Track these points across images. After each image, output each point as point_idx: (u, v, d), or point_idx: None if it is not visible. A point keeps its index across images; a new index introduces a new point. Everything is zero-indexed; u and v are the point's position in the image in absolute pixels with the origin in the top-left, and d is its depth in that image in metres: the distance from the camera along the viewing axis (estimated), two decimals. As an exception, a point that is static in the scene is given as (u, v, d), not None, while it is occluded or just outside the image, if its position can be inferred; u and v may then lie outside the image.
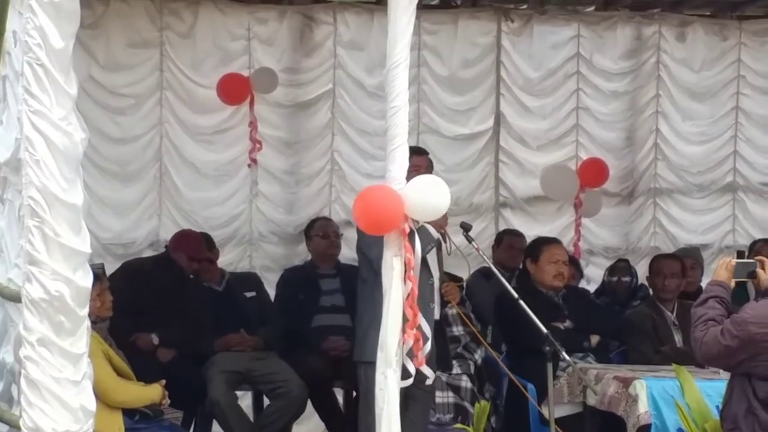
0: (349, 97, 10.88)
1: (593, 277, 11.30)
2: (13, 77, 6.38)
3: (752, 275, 6.94)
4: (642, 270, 11.10)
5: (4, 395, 7.08)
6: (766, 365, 6.09)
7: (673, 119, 11.73)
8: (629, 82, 11.61)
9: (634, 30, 11.54)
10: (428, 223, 7.21)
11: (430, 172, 7.66)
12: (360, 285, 7.84)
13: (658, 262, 9.85)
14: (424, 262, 7.30)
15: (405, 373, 6.75)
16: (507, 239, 10.69)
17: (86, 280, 6.24)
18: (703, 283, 10.90)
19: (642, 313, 9.59)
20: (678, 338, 9.33)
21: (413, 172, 6.72)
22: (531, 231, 10.72)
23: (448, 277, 8.75)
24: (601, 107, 11.58)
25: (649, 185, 11.74)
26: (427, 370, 7.03)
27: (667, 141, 11.72)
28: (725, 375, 7.01)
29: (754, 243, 11.05)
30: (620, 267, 10.97)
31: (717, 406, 7.75)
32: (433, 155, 10.74)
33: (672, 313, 9.46)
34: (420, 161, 7.76)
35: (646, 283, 10.11)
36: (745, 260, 7.14)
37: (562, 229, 11.30)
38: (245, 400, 9.74)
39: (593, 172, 11.25)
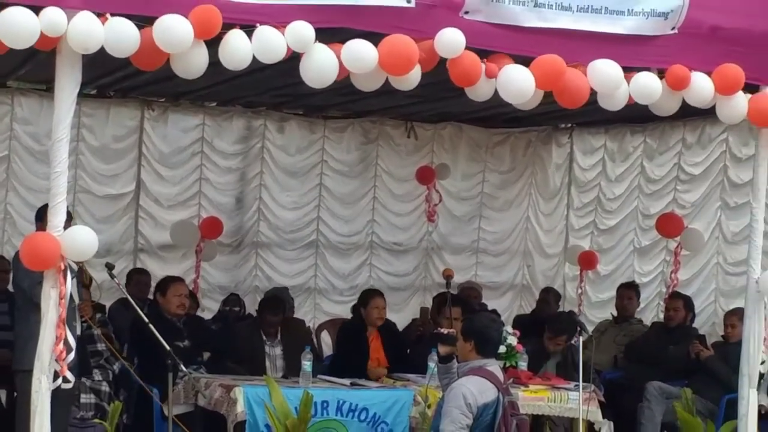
0: (21, 162, 10.68)
1: (209, 306, 11.37)
2: None
3: None
4: (249, 303, 11.37)
5: None
6: None
7: (273, 190, 11.88)
8: (241, 161, 11.71)
9: (245, 122, 11.66)
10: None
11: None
12: (16, 310, 7.73)
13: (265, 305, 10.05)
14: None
15: (55, 378, 6.75)
16: (135, 277, 10.68)
17: None
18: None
19: (245, 335, 9.82)
20: (269, 362, 9.58)
21: None
22: (162, 271, 10.71)
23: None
24: (219, 178, 11.64)
25: (253, 239, 11.86)
26: (69, 375, 6.92)
27: (268, 206, 11.87)
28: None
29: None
30: (231, 299, 11.18)
31: (295, 408, 8.07)
32: (87, 210, 10.86)
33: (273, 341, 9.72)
34: None
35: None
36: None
37: (186, 270, 11.23)
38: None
39: (211, 227, 11.27)
